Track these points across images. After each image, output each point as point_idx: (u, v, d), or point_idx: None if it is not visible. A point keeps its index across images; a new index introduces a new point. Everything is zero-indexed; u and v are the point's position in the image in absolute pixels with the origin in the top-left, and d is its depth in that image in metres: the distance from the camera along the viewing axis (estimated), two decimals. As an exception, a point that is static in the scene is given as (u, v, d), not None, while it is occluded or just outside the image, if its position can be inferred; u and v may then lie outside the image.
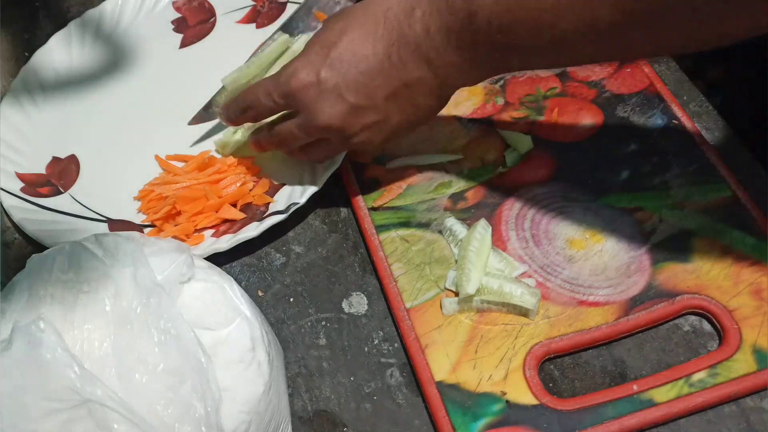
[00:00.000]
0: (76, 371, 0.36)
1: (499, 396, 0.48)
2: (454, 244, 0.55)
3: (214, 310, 0.42)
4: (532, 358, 0.49)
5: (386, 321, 0.54)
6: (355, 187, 0.60)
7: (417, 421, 0.49)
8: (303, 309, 0.55)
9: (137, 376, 0.37)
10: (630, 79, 0.64)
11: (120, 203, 0.62)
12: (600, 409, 0.47)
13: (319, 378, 0.51)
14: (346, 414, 0.50)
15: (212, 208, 0.59)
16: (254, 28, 0.73)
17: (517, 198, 0.57)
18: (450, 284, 0.53)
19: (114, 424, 0.36)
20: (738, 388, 0.47)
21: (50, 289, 0.40)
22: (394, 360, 0.52)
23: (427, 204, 0.58)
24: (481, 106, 0.64)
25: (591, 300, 0.51)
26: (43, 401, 0.36)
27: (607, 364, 0.50)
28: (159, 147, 0.64)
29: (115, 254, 0.41)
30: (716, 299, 0.50)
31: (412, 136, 0.62)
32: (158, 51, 0.73)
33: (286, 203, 0.58)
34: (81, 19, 0.74)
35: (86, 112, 0.69)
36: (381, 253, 0.55)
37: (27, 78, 0.70)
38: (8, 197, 0.62)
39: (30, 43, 0.76)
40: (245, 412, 0.41)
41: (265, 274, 0.57)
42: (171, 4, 0.76)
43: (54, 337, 0.36)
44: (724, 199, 0.55)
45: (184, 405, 0.37)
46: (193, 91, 0.69)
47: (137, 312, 0.39)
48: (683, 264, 0.52)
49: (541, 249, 0.54)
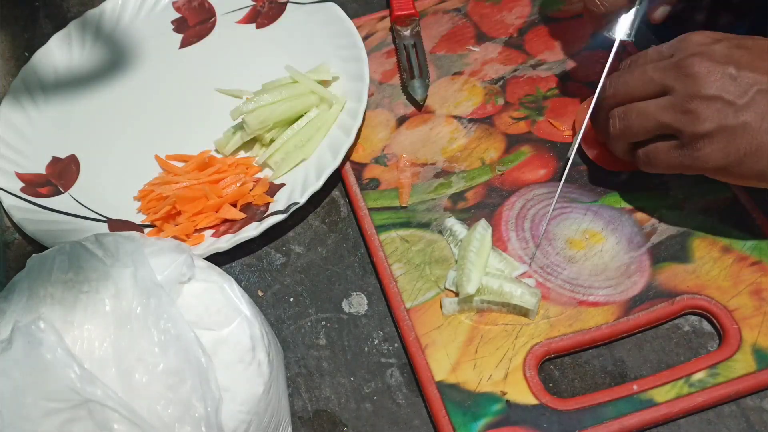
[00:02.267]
0: (76, 371, 0.36)
1: (499, 396, 0.48)
2: (454, 244, 0.55)
3: (214, 310, 0.42)
4: (532, 358, 0.49)
5: (386, 321, 0.54)
6: (355, 187, 0.60)
7: (417, 421, 0.49)
8: (303, 309, 0.55)
9: (137, 376, 0.37)
10: (630, 79, 0.64)
11: (120, 203, 0.62)
12: (600, 409, 0.47)
13: (319, 378, 0.51)
14: (346, 414, 0.50)
15: (212, 208, 0.59)
16: (254, 28, 0.73)
17: (517, 198, 0.58)
18: (450, 284, 0.53)
19: (114, 424, 0.36)
20: (738, 388, 0.47)
21: (50, 289, 0.40)
22: (394, 360, 0.52)
23: (427, 204, 0.58)
24: (481, 106, 0.64)
25: (591, 300, 0.51)
26: (43, 401, 0.36)
27: (607, 364, 0.50)
28: (159, 147, 0.64)
29: (115, 254, 0.41)
30: (716, 299, 0.50)
31: (412, 136, 0.62)
32: (158, 51, 0.73)
33: (286, 203, 0.58)
34: (81, 19, 0.74)
35: (86, 112, 0.69)
36: (381, 253, 0.55)
37: (27, 78, 0.70)
38: (8, 197, 0.62)
39: (30, 43, 0.76)
40: (245, 412, 0.41)
41: (265, 274, 0.57)
42: (171, 4, 0.76)
43: (54, 337, 0.36)
44: (724, 199, 0.55)
45: (184, 405, 0.37)
46: (193, 91, 0.69)
47: (137, 312, 0.39)
48: (683, 264, 0.52)
49: (540, 249, 0.54)
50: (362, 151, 0.62)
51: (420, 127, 0.63)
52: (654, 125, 0.50)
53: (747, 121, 0.47)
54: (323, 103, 0.64)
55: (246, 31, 0.73)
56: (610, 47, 0.56)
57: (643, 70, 0.51)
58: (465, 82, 0.66)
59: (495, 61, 0.67)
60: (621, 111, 0.52)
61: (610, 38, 0.57)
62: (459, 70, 0.67)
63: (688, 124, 0.48)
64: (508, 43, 0.68)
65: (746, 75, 0.47)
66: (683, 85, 0.48)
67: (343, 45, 0.66)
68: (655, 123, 0.50)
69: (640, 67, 0.52)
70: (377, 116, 0.65)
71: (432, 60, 0.68)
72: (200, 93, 0.68)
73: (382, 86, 0.67)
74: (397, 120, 0.64)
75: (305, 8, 0.71)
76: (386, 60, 0.69)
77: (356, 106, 0.62)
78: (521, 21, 0.70)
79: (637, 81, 0.51)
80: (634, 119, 0.51)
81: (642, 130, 0.51)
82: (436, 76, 0.67)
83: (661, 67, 0.50)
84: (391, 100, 0.66)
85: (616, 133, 0.53)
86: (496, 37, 0.69)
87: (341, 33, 0.67)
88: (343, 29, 0.67)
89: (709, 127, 0.47)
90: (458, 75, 0.66)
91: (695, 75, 0.48)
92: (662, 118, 0.49)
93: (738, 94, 0.47)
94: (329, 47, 0.67)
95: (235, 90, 0.67)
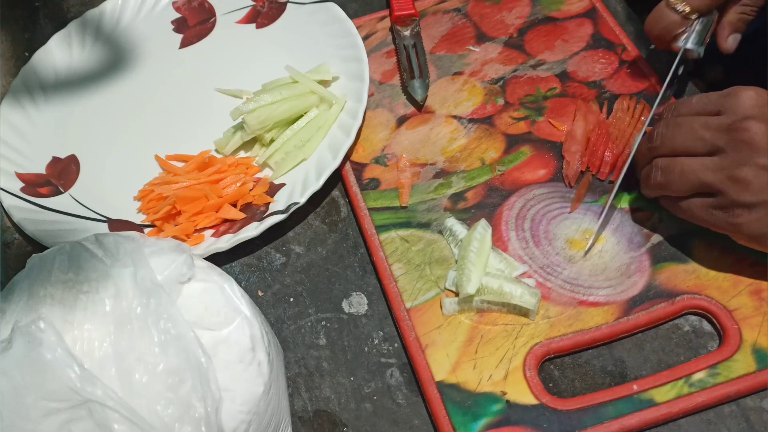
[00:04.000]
0: (76, 371, 0.36)
1: (499, 396, 0.48)
2: (454, 244, 0.55)
3: (214, 310, 0.42)
4: (532, 358, 0.49)
5: (386, 321, 0.54)
6: (355, 187, 0.60)
7: (417, 421, 0.49)
8: (303, 309, 0.55)
9: (137, 376, 0.37)
10: (630, 79, 0.64)
11: (120, 203, 0.62)
12: (600, 409, 0.47)
13: (319, 378, 0.51)
14: (346, 414, 0.50)
15: (212, 208, 0.59)
16: (254, 28, 0.73)
17: (517, 198, 0.58)
18: (450, 284, 0.53)
19: (114, 424, 0.36)
20: (738, 388, 0.47)
21: (50, 289, 0.40)
22: (394, 360, 0.52)
23: (427, 204, 0.58)
24: (481, 106, 0.64)
25: (591, 300, 0.51)
26: (43, 401, 0.36)
27: (607, 364, 0.50)
28: (159, 147, 0.64)
29: (115, 254, 0.41)
30: (716, 299, 0.50)
31: (412, 136, 0.62)
32: (158, 51, 0.73)
33: (286, 203, 0.58)
34: (81, 19, 0.74)
35: (86, 112, 0.69)
36: (381, 253, 0.55)
37: (27, 78, 0.70)
38: (8, 197, 0.62)
39: (30, 43, 0.76)
40: (245, 412, 0.41)
41: (265, 274, 0.57)
42: (171, 4, 0.76)
43: (54, 337, 0.36)
44: (724, 199, 0.55)
45: (184, 405, 0.37)
46: (193, 91, 0.69)
47: (137, 312, 0.39)
48: (683, 264, 0.52)
49: (541, 249, 0.54)
50: (362, 151, 0.62)
51: (420, 127, 0.63)
52: (697, 184, 0.48)
53: None
54: (323, 103, 0.64)
55: (246, 31, 0.73)
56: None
57: (692, 127, 0.49)
58: (465, 82, 0.66)
59: (495, 61, 0.67)
60: (665, 163, 0.50)
61: (674, 50, 0.57)
62: (459, 70, 0.67)
63: (734, 191, 0.46)
64: (508, 43, 0.68)
65: None
66: (736, 150, 0.46)
67: (343, 45, 0.66)
68: (698, 182, 0.48)
69: (687, 122, 0.50)
70: (377, 116, 0.65)
71: (432, 60, 0.68)
72: (200, 93, 0.68)
73: (382, 86, 0.67)
74: (397, 120, 0.64)
75: (305, 8, 0.71)
76: (386, 60, 0.69)
77: (356, 106, 0.62)
78: (521, 21, 0.70)
79: (686, 137, 0.49)
80: (677, 175, 0.49)
81: (683, 187, 0.49)
82: (436, 76, 0.67)
83: (713, 126, 0.48)
84: (391, 100, 0.66)
85: (655, 183, 0.51)
86: (496, 37, 0.69)
87: (341, 33, 0.67)
88: (343, 29, 0.67)
89: (756, 199, 0.46)
90: (458, 75, 0.66)
91: (750, 142, 0.46)
92: (707, 178, 0.48)
93: None
94: (329, 47, 0.67)
95: (235, 90, 0.67)
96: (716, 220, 0.48)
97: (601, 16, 0.68)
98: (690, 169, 0.49)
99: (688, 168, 0.49)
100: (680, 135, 0.50)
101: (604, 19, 0.68)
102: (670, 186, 0.50)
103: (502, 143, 0.61)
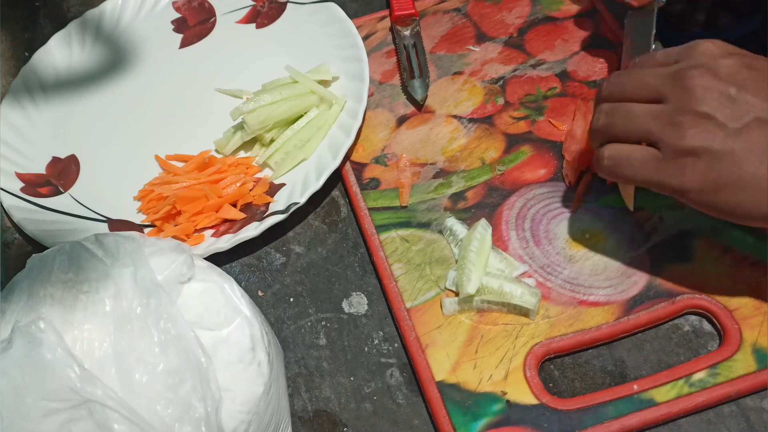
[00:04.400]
0: (76, 371, 0.36)
1: (500, 396, 0.48)
2: (454, 244, 0.55)
3: (213, 310, 0.42)
4: (532, 358, 0.49)
5: (386, 321, 0.54)
6: (355, 187, 0.60)
7: (417, 421, 0.49)
8: (303, 309, 0.55)
9: (137, 376, 0.37)
10: (630, 79, 0.64)
11: (120, 203, 0.62)
12: (600, 409, 0.47)
13: (319, 378, 0.51)
14: (346, 414, 0.50)
15: (212, 208, 0.59)
16: (254, 28, 0.73)
17: (517, 198, 0.57)
18: (450, 284, 0.53)
19: (114, 424, 0.36)
20: (738, 388, 0.47)
21: (50, 289, 0.40)
22: (394, 360, 0.52)
23: (427, 204, 0.58)
24: (481, 106, 0.64)
25: (591, 300, 0.51)
26: (43, 401, 0.36)
27: (607, 364, 0.50)
28: (159, 147, 0.64)
29: (115, 254, 0.41)
30: (716, 299, 0.50)
31: (412, 136, 0.62)
32: (158, 51, 0.73)
33: (286, 203, 0.58)
34: (81, 19, 0.74)
35: (86, 112, 0.69)
36: (381, 253, 0.55)
37: (27, 78, 0.70)
38: (8, 197, 0.62)
39: (30, 43, 0.76)
40: (245, 412, 0.41)
41: (265, 274, 0.57)
42: (171, 4, 0.76)
43: (54, 337, 0.36)
44: (724, 199, 0.55)
45: (184, 405, 0.37)
46: (193, 91, 0.69)
47: (137, 312, 0.39)
48: (683, 264, 0.52)
49: (541, 249, 0.54)
50: (362, 151, 0.62)
51: (420, 127, 0.63)
52: (637, 129, 0.47)
53: (734, 149, 0.43)
54: (323, 103, 0.64)
55: (246, 31, 0.73)
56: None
57: (642, 73, 0.48)
58: (465, 82, 0.66)
59: (495, 60, 0.67)
60: (608, 107, 0.49)
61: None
62: (459, 70, 0.67)
63: (673, 136, 0.45)
64: (508, 43, 0.68)
65: (746, 99, 0.44)
66: (678, 96, 0.45)
67: (343, 45, 0.66)
68: (638, 128, 0.47)
69: (640, 70, 0.49)
70: (377, 116, 0.65)
71: (432, 60, 0.68)
72: (200, 93, 0.68)
73: (382, 86, 0.67)
74: (397, 120, 0.64)
75: (305, 8, 0.71)
76: (386, 60, 0.69)
77: (356, 106, 0.62)
78: (521, 21, 0.70)
79: (634, 83, 0.48)
80: (618, 118, 0.48)
81: (624, 131, 0.47)
82: (436, 76, 0.67)
83: (660, 73, 0.47)
84: (391, 100, 0.66)
85: (597, 127, 0.49)
86: (496, 37, 0.69)
87: (341, 33, 0.67)
88: (343, 29, 0.67)
89: (693, 144, 0.44)
90: (458, 75, 0.66)
91: (692, 88, 0.45)
92: (647, 125, 0.46)
93: (732, 117, 0.43)
94: (329, 47, 0.67)
95: (235, 90, 0.67)
96: (655, 172, 0.46)
97: (601, 16, 0.68)
98: (632, 113, 0.47)
99: (630, 112, 0.47)
100: (629, 82, 0.49)
101: (604, 19, 0.68)
102: (610, 129, 0.48)
103: (502, 143, 0.61)
